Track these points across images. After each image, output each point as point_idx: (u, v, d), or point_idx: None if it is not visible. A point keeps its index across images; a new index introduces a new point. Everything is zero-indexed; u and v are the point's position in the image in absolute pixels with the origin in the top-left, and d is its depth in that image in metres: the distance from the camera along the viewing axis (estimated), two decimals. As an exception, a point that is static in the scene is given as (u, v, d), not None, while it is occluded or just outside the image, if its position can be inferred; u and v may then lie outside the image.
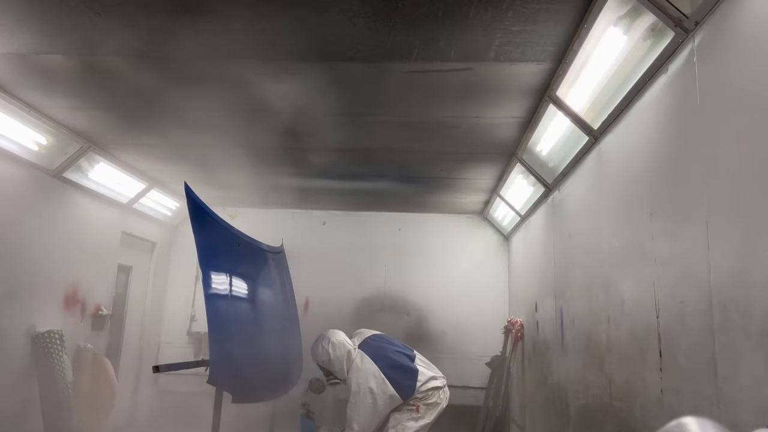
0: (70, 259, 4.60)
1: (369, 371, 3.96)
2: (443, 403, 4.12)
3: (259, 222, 6.28)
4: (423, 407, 4.01)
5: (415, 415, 3.99)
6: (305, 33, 2.62)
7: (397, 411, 4.00)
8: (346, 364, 4.04)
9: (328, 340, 4.10)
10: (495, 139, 3.95)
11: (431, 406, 4.05)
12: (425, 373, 4.10)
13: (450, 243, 6.45)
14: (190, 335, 6.31)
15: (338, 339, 4.13)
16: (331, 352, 4.05)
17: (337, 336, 4.16)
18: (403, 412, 4.00)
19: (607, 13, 2.27)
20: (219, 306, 3.88)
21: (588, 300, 3.06)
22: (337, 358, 4.04)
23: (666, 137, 2.12)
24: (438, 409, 4.08)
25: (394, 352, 4.18)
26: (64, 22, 2.57)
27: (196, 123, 3.87)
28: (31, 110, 3.65)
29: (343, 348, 4.07)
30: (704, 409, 1.75)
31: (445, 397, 4.15)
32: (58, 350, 4.20)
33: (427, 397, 4.04)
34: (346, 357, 4.05)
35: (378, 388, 3.90)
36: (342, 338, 4.16)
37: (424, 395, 4.03)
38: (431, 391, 4.06)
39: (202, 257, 3.74)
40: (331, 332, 4.20)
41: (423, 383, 4.04)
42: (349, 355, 4.07)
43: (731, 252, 1.64)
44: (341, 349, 4.06)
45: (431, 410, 4.04)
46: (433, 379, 4.11)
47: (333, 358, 4.04)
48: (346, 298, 6.27)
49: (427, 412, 4.01)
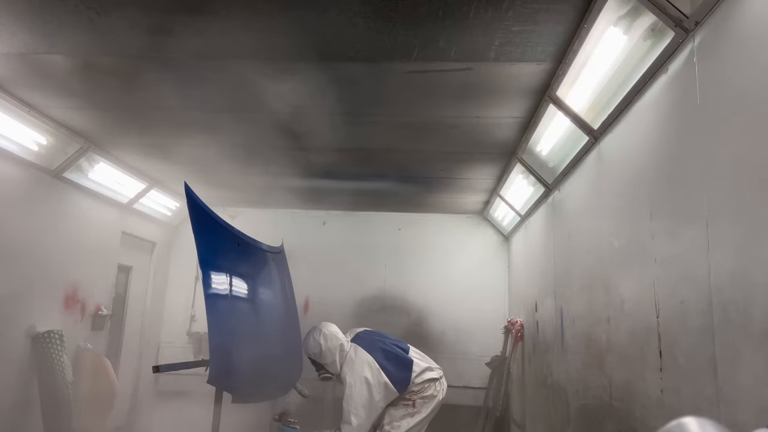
0: (70, 259, 4.60)
1: (363, 360, 3.90)
2: (440, 396, 4.06)
3: (259, 222, 6.28)
4: (419, 401, 3.97)
5: (411, 411, 3.94)
6: (305, 33, 2.62)
7: (392, 406, 3.95)
8: (338, 357, 3.98)
9: (320, 331, 4.05)
10: (495, 139, 3.95)
11: (427, 399, 4.00)
12: (420, 364, 4.07)
13: (450, 243, 6.45)
14: (190, 335, 6.31)
15: (330, 330, 4.07)
16: (322, 343, 3.99)
17: (329, 327, 4.10)
18: (399, 407, 3.96)
19: (607, 13, 2.27)
20: (219, 306, 3.88)
21: (588, 300, 3.06)
22: (329, 349, 3.98)
23: (666, 137, 2.11)
24: (435, 402, 4.02)
25: (387, 344, 4.16)
26: (64, 22, 2.57)
27: (196, 123, 3.87)
28: (31, 110, 3.65)
29: (335, 339, 4.02)
30: (704, 409, 1.75)
31: (442, 389, 4.10)
32: (58, 350, 4.20)
33: (423, 390, 4.00)
34: (338, 349, 4.00)
35: (374, 378, 3.84)
36: (334, 330, 4.10)
37: (420, 387, 3.99)
38: (427, 383, 4.02)
39: (202, 257, 3.73)
40: (323, 324, 4.15)
41: (418, 374, 4.00)
42: (341, 347, 4.01)
43: (731, 252, 1.64)
44: (333, 341, 4.01)
45: (428, 403, 3.99)
46: (429, 370, 4.07)
47: (324, 349, 3.98)
48: (346, 298, 6.27)
49: (423, 406, 3.97)
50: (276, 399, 4.83)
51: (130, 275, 5.89)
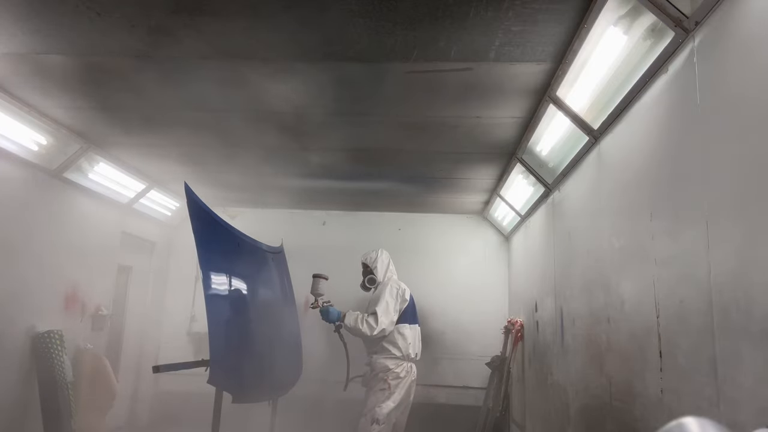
0: (70, 259, 4.60)
1: (397, 286, 4.86)
2: (410, 377, 4.74)
3: (259, 222, 6.29)
4: (393, 383, 4.60)
5: (387, 394, 4.57)
6: (305, 33, 2.62)
7: (371, 392, 4.62)
8: (384, 271, 5.00)
9: (383, 251, 5.12)
10: (495, 139, 3.95)
11: (401, 381, 4.65)
12: (414, 343, 4.81)
13: (450, 243, 6.45)
14: (190, 335, 6.31)
15: (388, 257, 5.13)
16: (380, 255, 5.06)
17: (389, 256, 5.13)
18: (376, 392, 4.58)
19: (607, 13, 2.27)
20: (219, 306, 3.88)
21: (588, 300, 3.06)
22: (382, 261, 5.03)
23: (666, 137, 2.11)
24: (406, 385, 4.68)
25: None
26: (64, 22, 2.57)
27: (196, 123, 3.87)
28: (31, 110, 3.65)
29: (387, 259, 5.08)
30: (704, 409, 1.75)
31: (414, 372, 4.79)
32: (58, 350, 4.20)
33: (397, 368, 4.65)
34: (387, 266, 5.04)
35: (397, 297, 4.80)
36: (390, 262, 5.10)
37: (396, 364, 4.67)
38: (401, 362, 4.70)
39: (202, 257, 3.74)
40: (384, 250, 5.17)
41: (408, 342, 4.75)
42: (389, 266, 5.05)
43: (731, 252, 1.64)
44: (386, 259, 5.07)
45: (401, 385, 4.64)
46: (412, 353, 4.77)
47: (379, 259, 5.02)
48: (346, 297, 6.27)
49: (396, 388, 4.61)
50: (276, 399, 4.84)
51: (130, 275, 5.89)
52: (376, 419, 4.47)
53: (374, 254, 5.06)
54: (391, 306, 4.70)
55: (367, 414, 4.53)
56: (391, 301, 4.72)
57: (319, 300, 4.81)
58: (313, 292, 4.83)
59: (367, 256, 5.10)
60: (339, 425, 5.45)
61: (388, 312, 4.67)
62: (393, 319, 4.70)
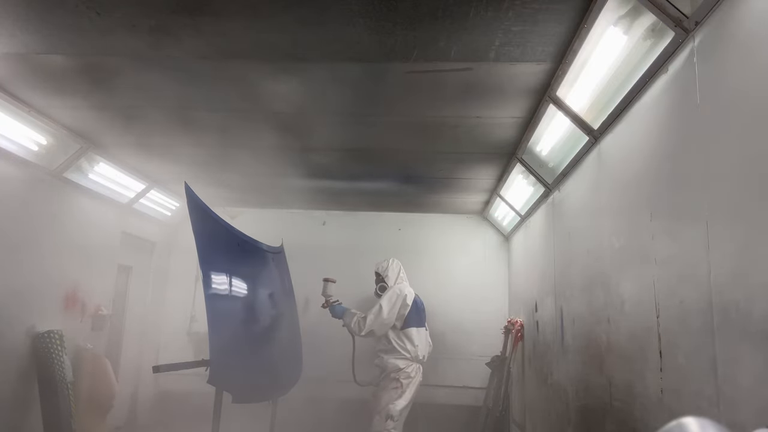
0: (70, 259, 4.60)
1: (402, 293, 4.97)
2: (418, 378, 4.93)
3: (259, 222, 6.28)
4: (404, 382, 4.80)
5: (399, 392, 4.78)
6: (305, 33, 2.62)
7: (383, 391, 4.82)
8: (393, 279, 5.13)
9: (394, 260, 5.28)
10: (495, 139, 3.95)
11: (412, 381, 4.85)
12: (422, 346, 4.96)
13: (450, 243, 6.45)
14: (190, 335, 6.31)
15: (400, 264, 5.29)
16: (392, 265, 5.23)
17: (400, 264, 5.30)
18: (389, 390, 4.79)
19: (607, 13, 2.27)
20: (219, 306, 3.89)
21: (588, 300, 3.06)
22: (393, 269, 5.19)
23: (666, 137, 2.11)
24: (415, 384, 4.89)
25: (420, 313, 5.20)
26: (64, 22, 2.57)
27: (196, 123, 3.87)
28: (31, 110, 3.65)
29: (399, 268, 5.23)
30: (704, 409, 1.75)
31: (420, 373, 4.97)
32: (58, 350, 4.20)
33: (408, 368, 4.85)
34: (397, 274, 5.18)
35: (395, 307, 4.92)
36: (401, 269, 5.26)
37: (407, 364, 4.86)
38: (411, 363, 4.87)
39: (202, 257, 3.74)
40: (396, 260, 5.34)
41: (415, 345, 4.91)
42: (399, 275, 5.18)
43: (731, 252, 1.64)
44: (397, 268, 5.23)
45: (411, 384, 4.85)
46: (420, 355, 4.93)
47: (390, 268, 5.19)
48: (346, 298, 6.27)
49: (407, 387, 4.82)
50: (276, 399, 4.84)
51: (130, 275, 5.89)
52: (391, 416, 4.70)
53: (386, 263, 5.26)
54: (385, 310, 4.86)
55: (382, 412, 4.75)
56: (385, 306, 4.88)
57: (329, 300, 5.09)
58: (323, 294, 5.09)
59: (380, 265, 5.29)
60: (339, 425, 5.45)
61: (379, 315, 4.85)
62: (385, 322, 4.88)
